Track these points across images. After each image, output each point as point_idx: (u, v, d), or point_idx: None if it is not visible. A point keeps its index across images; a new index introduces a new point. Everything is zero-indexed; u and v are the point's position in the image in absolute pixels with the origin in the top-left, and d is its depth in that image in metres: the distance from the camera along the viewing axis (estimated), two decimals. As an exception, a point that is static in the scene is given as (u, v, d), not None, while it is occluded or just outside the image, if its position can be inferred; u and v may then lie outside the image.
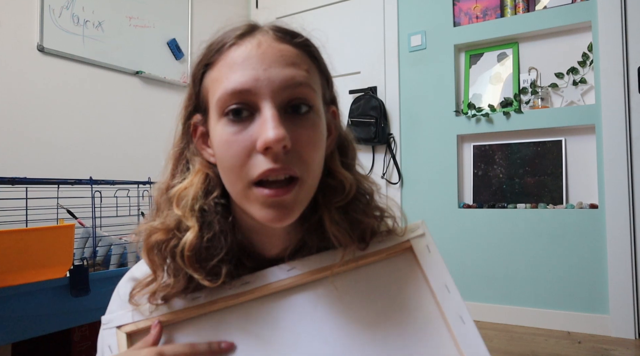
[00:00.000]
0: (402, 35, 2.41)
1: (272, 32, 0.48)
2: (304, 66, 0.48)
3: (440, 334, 0.49)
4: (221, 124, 0.47)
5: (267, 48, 0.46)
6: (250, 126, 0.46)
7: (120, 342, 0.50)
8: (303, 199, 0.48)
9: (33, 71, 1.84)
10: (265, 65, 0.45)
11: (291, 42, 0.48)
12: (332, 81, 0.55)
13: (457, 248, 2.16)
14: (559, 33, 2.09)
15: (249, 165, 0.45)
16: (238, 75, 0.45)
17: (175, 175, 0.53)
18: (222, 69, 0.47)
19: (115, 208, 1.53)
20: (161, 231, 0.49)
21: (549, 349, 1.69)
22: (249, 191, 0.46)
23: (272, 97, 0.45)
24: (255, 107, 0.46)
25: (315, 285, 0.52)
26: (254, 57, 0.46)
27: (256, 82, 0.45)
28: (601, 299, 1.87)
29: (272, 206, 0.46)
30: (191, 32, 2.55)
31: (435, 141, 2.28)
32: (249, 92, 0.45)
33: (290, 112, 0.47)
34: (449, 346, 0.49)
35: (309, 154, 0.47)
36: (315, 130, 0.48)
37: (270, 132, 0.43)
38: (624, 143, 1.85)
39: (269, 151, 0.44)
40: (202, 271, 0.48)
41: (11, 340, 1.10)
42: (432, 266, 0.53)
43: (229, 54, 0.47)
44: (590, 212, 1.91)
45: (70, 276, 1.18)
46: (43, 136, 1.85)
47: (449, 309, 0.50)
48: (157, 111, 2.35)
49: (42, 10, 1.85)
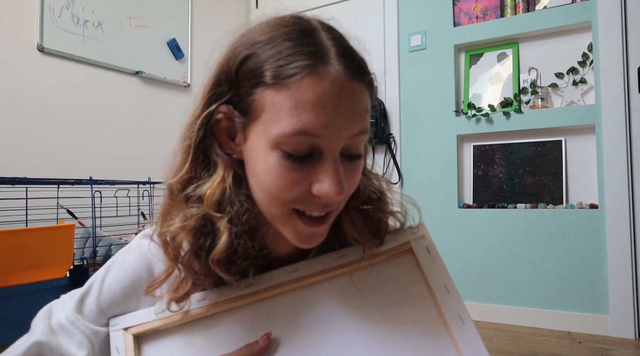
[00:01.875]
0: (402, 35, 2.41)
1: (344, 65, 0.43)
2: (368, 108, 0.46)
3: (439, 334, 0.49)
4: (275, 154, 0.44)
5: (342, 89, 0.43)
6: (307, 165, 0.44)
7: (127, 344, 0.50)
8: (333, 221, 0.50)
9: (33, 71, 1.84)
10: (338, 112, 0.43)
11: (362, 80, 0.45)
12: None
13: (457, 248, 2.16)
14: (559, 33, 2.09)
15: (296, 198, 0.45)
16: (310, 117, 0.42)
17: (196, 169, 0.49)
18: (290, 100, 0.42)
19: (115, 208, 1.53)
20: (185, 231, 0.47)
21: (549, 349, 1.69)
22: (289, 218, 0.47)
23: (336, 146, 0.44)
24: (316, 150, 0.44)
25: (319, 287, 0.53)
26: (328, 100, 0.42)
27: (326, 128, 0.43)
28: (601, 299, 1.87)
29: (308, 235, 0.48)
30: (191, 32, 2.55)
31: (435, 141, 2.28)
32: (317, 137, 0.43)
33: (346, 155, 0.46)
34: (449, 347, 0.49)
35: (350, 192, 0.48)
36: (359, 170, 0.49)
37: (333, 187, 0.43)
38: (624, 143, 1.85)
39: (325, 200, 0.45)
40: (230, 272, 0.48)
41: (11, 340, 1.10)
42: (431, 267, 0.53)
43: (301, 87, 0.42)
44: (590, 212, 1.91)
45: (70, 276, 1.18)
46: (43, 136, 1.86)
47: (449, 309, 0.50)
48: (157, 111, 2.35)
49: (42, 10, 1.85)
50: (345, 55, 0.44)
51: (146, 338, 0.51)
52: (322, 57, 0.43)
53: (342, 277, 0.53)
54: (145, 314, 0.51)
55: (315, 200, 0.45)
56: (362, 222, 0.53)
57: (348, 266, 0.53)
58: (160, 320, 0.51)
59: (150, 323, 0.51)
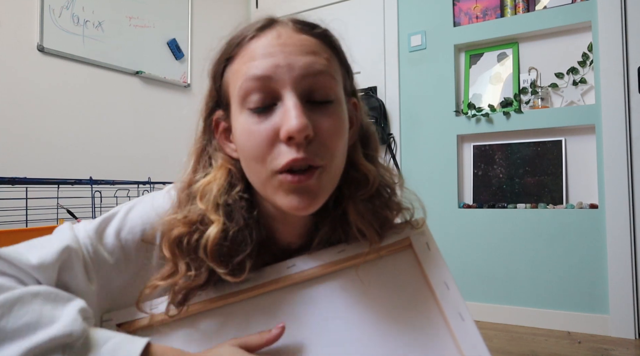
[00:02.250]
0: (402, 35, 2.41)
1: (292, 23, 0.49)
2: (324, 55, 0.48)
3: (439, 331, 0.49)
4: (244, 115, 0.47)
5: (287, 38, 0.47)
6: (272, 115, 0.46)
7: None
8: (326, 186, 0.48)
9: (33, 71, 1.84)
10: (285, 53, 0.46)
11: (310, 33, 0.49)
12: (352, 72, 0.55)
13: (457, 248, 2.16)
14: (559, 33, 2.09)
15: (273, 154, 0.46)
16: (258, 62, 0.46)
17: (198, 170, 0.53)
18: (242, 60, 0.48)
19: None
20: (183, 224, 0.49)
21: (549, 349, 1.69)
22: (273, 179, 0.46)
23: (293, 85, 0.45)
24: (277, 96, 0.46)
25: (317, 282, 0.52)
26: (274, 46, 0.46)
27: (276, 68, 0.45)
28: (601, 299, 1.87)
29: (296, 192, 0.46)
30: (191, 32, 2.55)
31: (435, 141, 2.28)
32: (269, 79, 0.45)
33: (313, 102, 0.47)
34: (448, 343, 0.49)
35: (332, 143, 0.47)
36: (337, 119, 0.48)
37: (293, 121, 0.43)
38: (624, 143, 1.85)
39: (292, 141, 0.44)
40: (226, 266, 0.48)
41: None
42: (431, 263, 0.53)
43: (249, 46, 0.48)
44: (590, 212, 1.91)
45: (70, 276, 1.17)
46: (43, 136, 1.85)
47: (448, 306, 0.50)
48: (157, 111, 2.35)
49: (42, 10, 1.85)
50: (294, 20, 0.50)
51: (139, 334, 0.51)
52: (272, 22, 0.49)
53: (341, 272, 0.53)
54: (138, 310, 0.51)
55: (290, 147, 0.45)
56: (368, 213, 0.52)
57: (347, 261, 0.53)
58: (155, 316, 0.50)
59: (144, 319, 0.50)
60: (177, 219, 0.49)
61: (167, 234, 0.49)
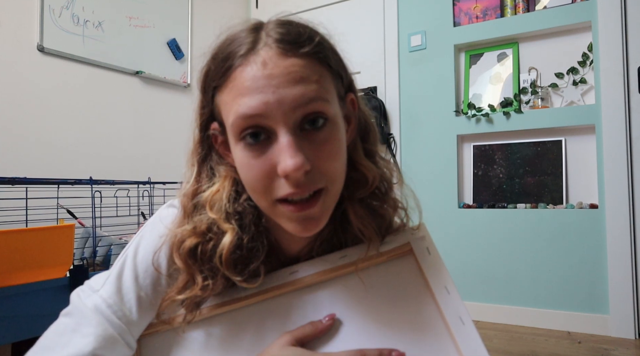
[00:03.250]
0: (402, 35, 2.41)
1: (276, 46, 0.45)
2: (314, 78, 0.46)
3: (440, 335, 0.50)
4: (240, 147, 0.47)
5: (273, 67, 0.44)
6: (268, 150, 0.45)
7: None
8: (329, 205, 0.48)
9: (33, 71, 1.84)
10: (273, 87, 0.44)
11: (297, 54, 0.46)
12: (346, 69, 0.53)
13: (457, 248, 2.16)
14: (559, 33, 2.09)
15: (272, 187, 0.46)
16: (247, 99, 0.44)
17: (201, 180, 0.52)
18: (231, 93, 0.46)
19: (115, 208, 1.53)
20: (195, 235, 0.49)
21: (549, 349, 1.69)
22: (275, 207, 0.47)
23: (285, 120, 0.44)
24: (271, 131, 0.45)
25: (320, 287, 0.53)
26: (260, 80, 0.44)
27: (266, 106, 0.44)
28: (601, 299, 1.87)
29: (299, 220, 0.46)
30: (191, 32, 2.55)
31: (435, 141, 2.28)
32: (260, 116, 0.44)
33: (307, 128, 0.46)
34: (449, 347, 0.49)
35: (330, 167, 0.47)
36: (333, 141, 0.47)
37: (288, 161, 0.43)
38: (624, 143, 1.85)
39: (289, 177, 0.44)
40: (241, 274, 0.48)
41: (11, 340, 1.10)
42: (432, 268, 0.53)
43: (236, 78, 0.46)
44: (590, 212, 1.91)
45: (70, 276, 1.18)
46: (43, 136, 1.85)
47: (449, 310, 0.50)
48: (157, 111, 2.35)
49: (42, 10, 1.85)
50: (277, 39, 0.46)
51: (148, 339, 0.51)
52: (254, 45, 0.46)
53: (343, 278, 0.53)
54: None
55: (287, 182, 0.45)
56: (367, 214, 0.52)
57: (349, 266, 0.53)
58: (162, 321, 0.51)
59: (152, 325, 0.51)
60: (188, 230, 0.49)
61: (179, 245, 0.49)
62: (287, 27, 0.48)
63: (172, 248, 0.50)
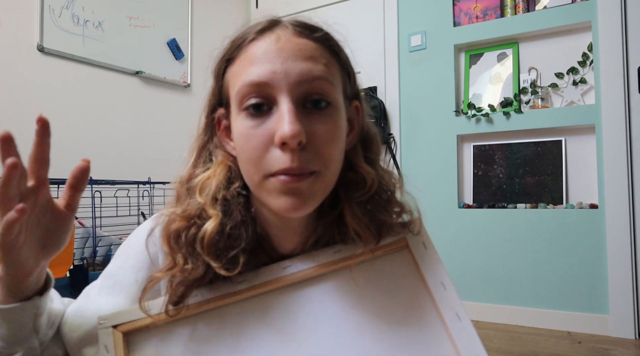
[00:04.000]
0: (402, 35, 2.41)
1: (292, 27, 0.49)
2: (323, 60, 0.48)
3: (436, 331, 0.49)
4: (241, 117, 0.48)
5: (286, 42, 0.47)
6: (268, 120, 0.46)
7: (117, 342, 0.50)
8: (319, 191, 0.48)
9: (33, 71, 1.84)
10: (283, 59, 0.46)
11: (310, 37, 0.48)
12: (354, 75, 0.55)
13: (457, 248, 2.16)
14: (559, 33, 2.09)
15: (267, 158, 0.46)
16: (256, 68, 0.46)
17: (198, 166, 0.54)
18: (241, 64, 0.48)
19: (115, 208, 1.53)
20: (182, 218, 0.50)
21: (549, 349, 1.69)
22: (266, 181, 0.47)
23: (289, 91, 0.46)
24: (273, 101, 0.46)
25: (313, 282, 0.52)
26: (272, 51, 0.46)
27: (273, 75, 0.45)
28: (601, 299, 1.87)
29: (288, 193, 0.46)
30: (191, 32, 2.55)
31: (435, 141, 2.28)
32: (266, 85, 0.46)
33: (309, 106, 0.47)
34: (445, 343, 0.49)
35: (326, 150, 0.47)
36: (333, 125, 0.48)
37: (286, 127, 0.44)
38: (624, 143, 1.85)
39: (285, 146, 0.45)
40: (220, 260, 0.48)
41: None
42: (428, 263, 0.53)
43: (249, 49, 0.48)
44: (590, 212, 1.91)
45: (70, 276, 1.18)
46: (43, 136, 1.85)
47: (445, 306, 0.50)
48: (157, 111, 2.35)
49: (42, 10, 1.85)
50: (294, 23, 0.49)
51: (135, 335, 0.51)
52: (272, 25, 0.50)
53: (338, 273, 0.53)
54: (135, 311, 0.50)
55: (284, 153, 0.45)
56: (365, 215, 0.52)
57: (343, 261, 0.53)
58: (151, 317, 0.50)
59: (140, 320, 0.50)
60: (176, 213, 0.50)
61: (166, 227, 0.50)
62: (303, 19, 0.51)
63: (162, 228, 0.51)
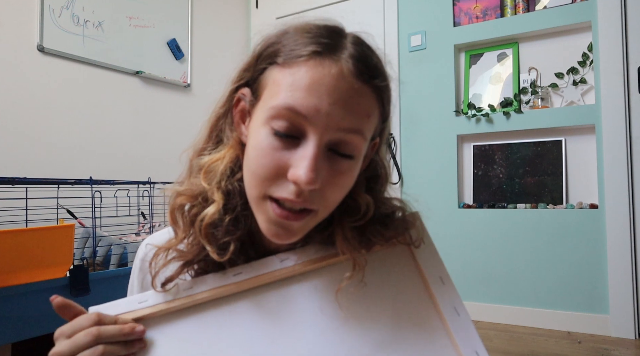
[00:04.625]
0: (402, 35, 2.41)
1: (353, 63, 0.45)
2: (368, 112, 0.46)
3: (434, 326, 0.49)
4: (265, 130, 0.46)
5: (341, 81, 0.44)
6: (291, 149, 0.45)
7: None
8: (309, 227, 0.49)
9: (33, 71, 1.84)
10: (333, 100, 0.43)
11: (370, 84, 0.45)
12: (390, 117, 0.53)
13: (457, 248, 2.16)
14: (559, 33, 2.09)
15: (273, 182, 0.46)
16: (303, 95, 0.43)
17: (210, 139, 0.54)
18: (288, 78, 0.45)
19: (115, 208, 1.53)
20: (186, 196, 0.51)
21: (549, 349, 1.69)
22: (264, 201, 0.47)
23: (323, 134, 0.44)
24: (303, 134, 0.45)
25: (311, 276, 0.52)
26: (325, 86, 0.43)
27: (316, 113, 0.43)
28: (601, 299, 1.87)
29: (277, 225, 0.47)
30: (191, 32, 2.55)
31: (435, 141, 2.28)
32: (304, 117, 0.44)
33: (333, 150, 0.46)
34: (443, 338, 0.48)
35: (333, 195, 0.47)
36: (348, 176, 0.47)
37: (304, 173, 0.43)
38: (624, 143, 1.85)
39: (296, 186, 0.44)
40: (214, 244, 0.49)
41: (11, 340, 1.10)
42: (426, 258, 0.53)
43: (300, 68, 0.44)
44: (590, 212, 1.91)
45: (70, 276, 1.18)
46: (43, 136, 1.86)
47: (444, 301, 0.50)
48: (157, 111, 2.35)
49: (42, 10, 1.85)
50: (357, 57, 0.45)
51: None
52: (333, 50, 0.45)
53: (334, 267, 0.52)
54: (128, 303, 0.50)
55: (289, 187, 0.45)
56: (356, 240, 0.51)
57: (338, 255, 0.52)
58: (143, 309, 0.49)
59: (133, 312, 0.49)
60: (182, 190, 0.51)
61: (172, 201, 0.51)
62: (367, 50, 0.48)
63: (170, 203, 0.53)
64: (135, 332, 0.46)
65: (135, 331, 0.46)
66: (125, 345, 0.45)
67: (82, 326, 0.43)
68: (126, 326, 0.45)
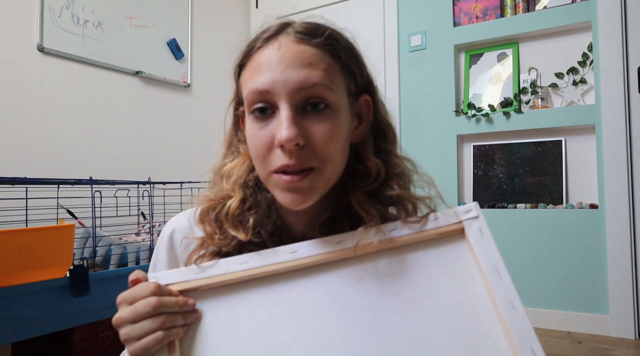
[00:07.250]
0: (402, 35, 2.41)
1: (294, 34, 0.52)
2: (321, 66, 0.51)
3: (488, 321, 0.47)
4: (250, 119, 0.53)
5: (286, 51, 0.51)
6: (271, 123, 0.51)
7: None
8: (319, 186, 0.52)
9: (33, 71, 1.84)
10: (282, 67, 0.50)
11: (310, 43, 0.52)
12: (362, 70, 0.58)
13: (457, 248, 2.16)
14: (559, 33, 2.09)
15: (270, 157, 0.51)
16: (260, 76, 0.51)
17: (227, 157, 0.61)
18: (250, 70, 0.53)
19: (115, 208, 1.52)
20: (211, 200, 0.58)
21: (549, 349, 1.69)
22: (271, 177, 0.52)
23: (288, 98, 0.50)
24: (275, 106, 0.51)
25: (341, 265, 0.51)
26: (274, 60, 0.51)
27: (274, 83, 0.50)
28: (601, 299, 1.87)
29: (290, 191, 0.51)
30: (191, 32, 2.55)
31: (435, 141, 2.28)
32: (268, 92, 0.50)
33: (310, 109, 0.51)
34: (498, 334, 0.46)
35: (324, 147, 0.51)
36: (331, 124, 0.51)
37: (283, 132, 0.48)
38: (624, 143, 1.85)
39: (284, 148, 0.49)
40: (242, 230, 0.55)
41: (11, 340, 1.10)
42: (484, 249, 0.51)
43: (256, 57, 0.53)
44: (590, 212, 1.91)
45: (70, 276, 1.18)
46: (43, 136, 1.86)
47: (500, 294, 0.47)
48: (157, 111, 2.35)
49: (42, 10, 1.85)
50: (297, 30, 0.52)
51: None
52: (277, 32, 0.53)
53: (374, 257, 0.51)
54: (185, 272, 0.51)
55: (283, 153, 0.50)
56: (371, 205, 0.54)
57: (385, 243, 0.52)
58: (199, 279, 0.51)
59: (190, 281, 0.50)
60: (209, 196, 0.58)
61: (201, 207, 0.58)
62: (309, 23, 0.54)
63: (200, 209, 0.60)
64: (189, 304, 0.49)
65: (189, 303, 0.49)
66: (183, 316, 0.48)
67: (142, 295, 0.47)
68: (181, 298, 0.49)
